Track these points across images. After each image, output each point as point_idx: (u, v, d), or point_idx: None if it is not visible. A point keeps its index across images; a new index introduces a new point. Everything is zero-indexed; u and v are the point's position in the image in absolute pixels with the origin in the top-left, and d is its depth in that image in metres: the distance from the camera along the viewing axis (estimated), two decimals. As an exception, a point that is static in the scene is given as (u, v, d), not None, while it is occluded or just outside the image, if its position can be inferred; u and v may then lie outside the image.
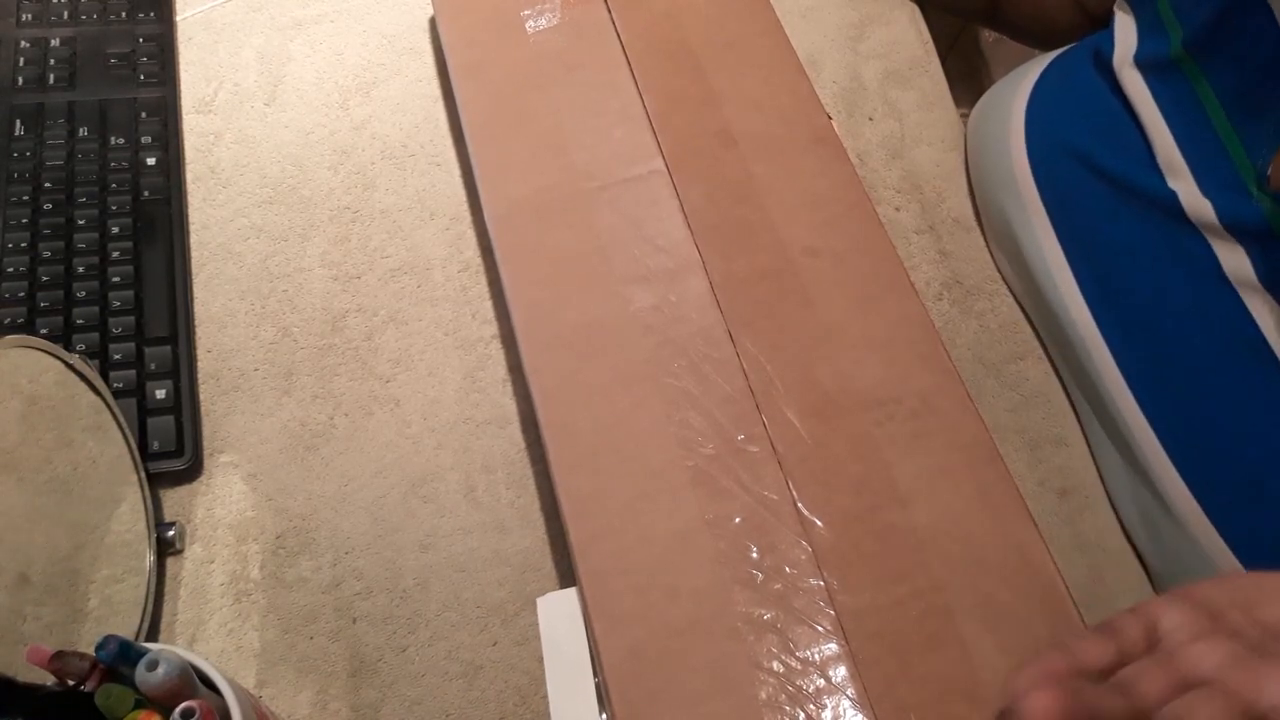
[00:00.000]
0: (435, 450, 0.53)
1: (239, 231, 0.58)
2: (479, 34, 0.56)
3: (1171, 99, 0.49)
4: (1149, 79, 0.50)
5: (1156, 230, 0.50)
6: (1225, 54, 0.45)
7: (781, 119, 0.52)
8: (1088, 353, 0.54)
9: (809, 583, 0.39)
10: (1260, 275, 0.44)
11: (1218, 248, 0.46)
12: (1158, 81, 0.50)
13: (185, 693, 0.35)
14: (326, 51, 0.65)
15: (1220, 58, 0.46)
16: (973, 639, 0.38)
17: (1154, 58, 0.50)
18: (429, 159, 0.62)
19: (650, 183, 0.50)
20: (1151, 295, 0.51)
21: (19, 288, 0.53)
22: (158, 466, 0.50)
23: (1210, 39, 0.46)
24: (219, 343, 0.55)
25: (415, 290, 0.57)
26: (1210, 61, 0.46)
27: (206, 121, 0.62)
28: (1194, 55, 0.47)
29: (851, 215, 0.49)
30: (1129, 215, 0.51)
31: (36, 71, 0.61)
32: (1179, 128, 0.48)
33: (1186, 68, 0.47)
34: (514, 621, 0.49)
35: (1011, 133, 0.60)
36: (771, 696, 0.37)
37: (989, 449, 0.43)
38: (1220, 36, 0.45)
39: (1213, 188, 0.46)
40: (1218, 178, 0.46)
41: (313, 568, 0.50)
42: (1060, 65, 0.60)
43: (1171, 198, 0.48)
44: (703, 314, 0.46)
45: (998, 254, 0.61)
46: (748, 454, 0.42)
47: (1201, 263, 0.47)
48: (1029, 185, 0.58)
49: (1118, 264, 0.53)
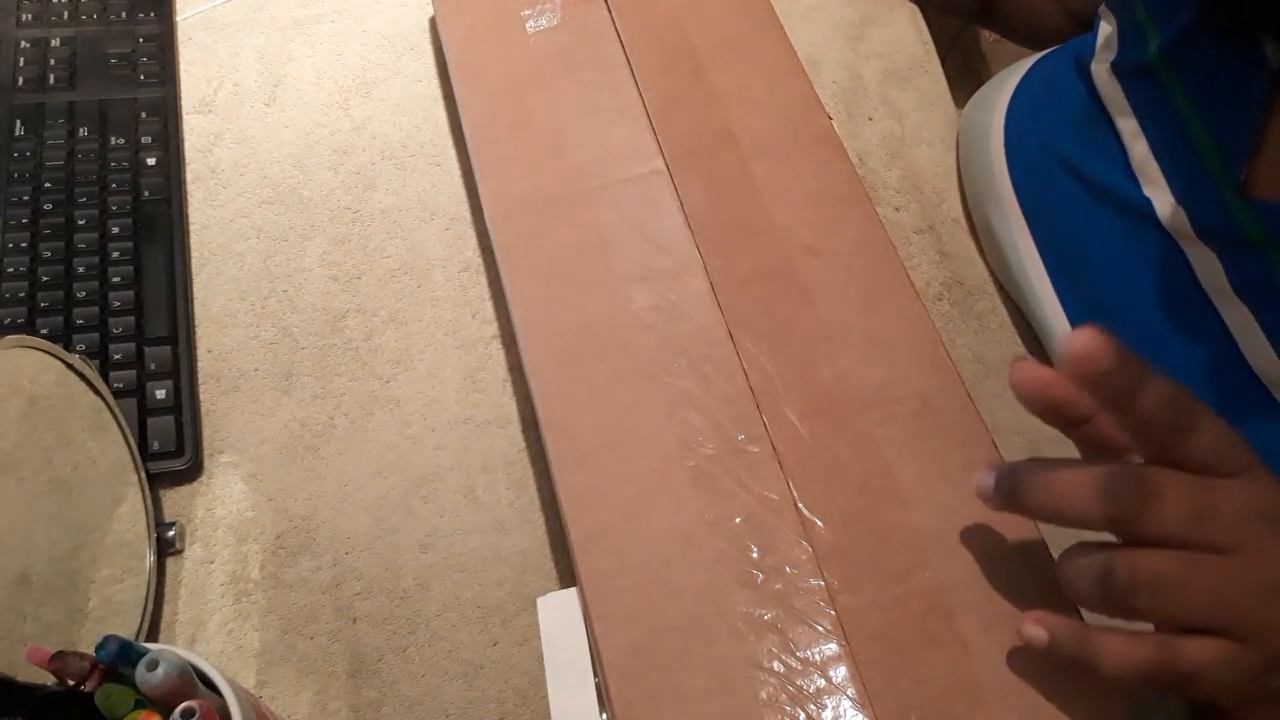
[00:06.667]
0: (435, 450, 0.53)
1: (239, 231, 0.58)
2: (479, 34, 0.56)
3: (1147, 104, 0.48)
4: (1126, 84, 0.50)
5: (1132, 237, 0.49)
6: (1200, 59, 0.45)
7: (781, 119, 0.52)
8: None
9: (809, 582, 0.39)
10: (1234, 283, 0.44)
11: (1192, 256, 0.46)
12: (1134, 86, 0.49)
13: (185, 693, 0.35)
14: (326, 51, 0.65)
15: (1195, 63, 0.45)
16: (973, 639, 0.38)
17: (1131, 63, 0.49)
18: (429, 159, 0.62)
19: (650, 182, 0.50)
20: (1127, 302, 0.50)
21: (19, 288, 0.53)
22: (158, 466, 0.50)
23: (1186, 44, 0.45)
24: (219, 343, 0.55)
25: (415, 290, 0.57)
26: (1185, 67, 0.46)
27: (206, 121, 0.62)
28: (1169, 61, 0.46)
29: (851, 215, 0.49)
30: (1105, 220, 0.51)
31: (36, 71, 0.61)
32: (1154, 133, 0.48)
33: (1162, 73, 0.47)
34: (514, 621, 0.49)
35: (992, 134, 0.60)
36: (772, 696, 0.37)
37: (989, 449, 0.43)
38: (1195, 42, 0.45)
39: (1187, 195, 0.46)
40: (1192, 185, 0.45)
41: (313, 568, 0.50)
42: (1042, 68, 0.60)
43: (1146, 205, 0.48)
44: (703, 313, 0.46)
45: (987, 255, 0.61)
46: (748, 454, 0.42)
47: (1176, 271, 0.47)
48: (1007, 187, 0.58)
49: (1093, 269, 0.52)
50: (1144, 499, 0.31)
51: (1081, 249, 0.53)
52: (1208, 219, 0.44)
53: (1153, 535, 0.32)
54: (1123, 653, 0.32)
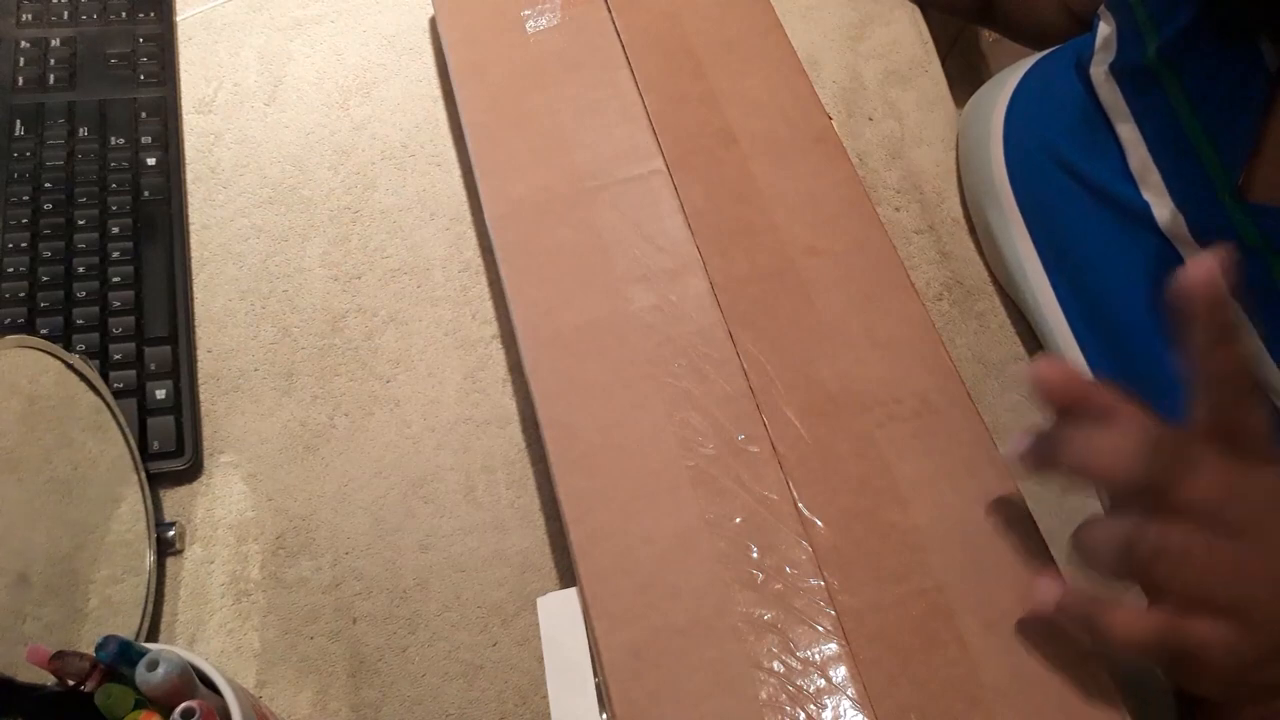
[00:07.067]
0: (435, 450, 0.53)
1: (239, 231, 0.58)
2: (479, 34, 0.56)
3: (1145, 107, 0.48)
4: (1124, 86, 0.49)
5: (1129, 239, 0.49)
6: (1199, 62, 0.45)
7: (782, 119, 0.52)
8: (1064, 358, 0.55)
9: (809, 583, 0.39)
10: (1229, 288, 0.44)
11: (1188, 258, 0.46)
12: (1132, 88, 0.49)
13: (185, 693, 0.35)
14: (326, 51, 0.65)
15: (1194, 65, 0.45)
16: (973, 639, 0.38)
17: (1130, 64, 0.49)
18: (429, 159, 0.62)
19: (650, 182, 0.50)
20: (1124, 304, 0.50)
21: (19, 288, 0.53)
22: (158, 466, 0.50)
23: (1184, 46, 0.45)
24: (219, 343, 0.55)
25: (415, 290, 0.57)
26: (1184, 69, 0.45)
27: (206, 121, 0.62)
28: (1168, 63, 0.46)
29: (851, 215, 0.49)
30: (1102, 222, 0.51)
31: (36, 71, 0.61)
32: (1153, 136, 0.48)
33: (1161, 75, 0.46)
34: (514, 621, 0.49)
35: (991, 135, 0.60)
36: (772, 696, 0.37)
37: (989, 449, 0.43)
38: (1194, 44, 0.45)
39: (1185, 198, 0.46)
40: (1190, 189, 0.45)
41: (313, 568, 0.50)
42: (1041, 68, 0.60)
43: (1144, 207, 0.48)
44: (703, 314, 0.46)
45: (987, 255, 0.61)
46: (748, 454, 0.42)
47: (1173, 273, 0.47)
48: (1005, 188, 0.58)
49: (1091, 271, 0.52)
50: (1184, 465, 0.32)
51: (1079, 250, 0.53)
52: (1205, 222, 0.44)
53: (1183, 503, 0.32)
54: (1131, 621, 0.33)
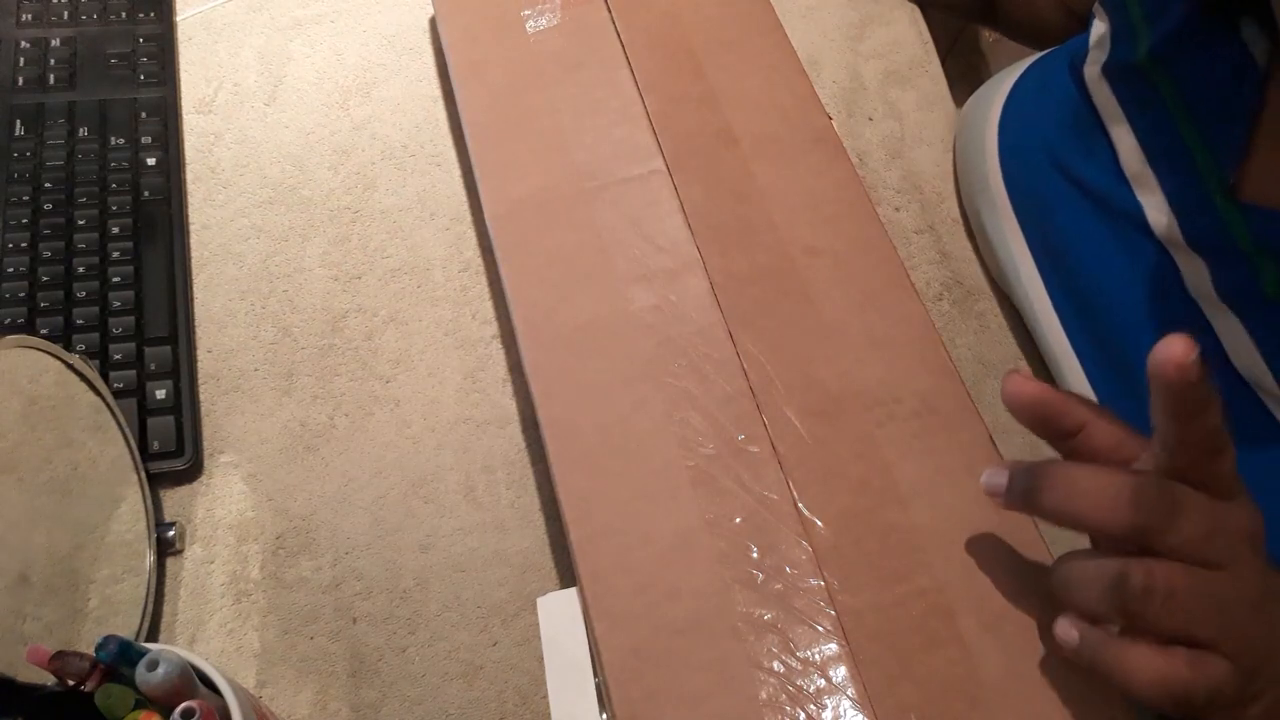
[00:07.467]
0: (435, 450, 0.53)
1: (239, 232, 0.58)
2: (479, 34, 0.56)
3: (1138, 107, 0.48)
4: (1118, 85, 0.49)
5: (1122, 240, 0.49)
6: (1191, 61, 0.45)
7: (781, 119, 0.52)
8: (1056, 361, 0.55)
9: (809, 583, 0.39)
10: (1220, 290, 0.44)
11: (1180, 261, 0.46)
12: (1126, 88, 0.49)
13: (185, 693, 0.35)
14: (326, 51, 0.65)
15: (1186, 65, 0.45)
16: (973, 639, 0.38)
17: (1124, 63, 0.49)
18: (429, 159, 0.62)
19: (650, 182, 0.50)
20: (1116, 305, 0.50)
21: (19, 288, 0.53)
22: (158, 466, 0.50)
23: (1176, 45, 0.45)
24: (219, 343, 0.55)
25: (415, 290, 0.57)
26: (1176, 68, 0.45)
27: (206, 121, 0.62)
28: (1161, 62, 0.46)
29: (851, 215, 0.49)
30: (1095, 223, 0.51)
31: (36, 71, 0.61)
32: (1145, 136, 0.47)
33: (1153, 75, 0.46)
34: (514, 621, 0.49)
35: (987, 135, 0.60)
36: (772, 696, 0.37)
37: (989, 449, 0.43)
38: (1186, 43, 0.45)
39: (1178, 198, 0.46)
40: (1183, 188, 0.45)
41: (313, 568, 0.50)
42: (1038, 69, 0.60)
43: (1137, 208, 0.47)
44: (703, 314, 0.46)
45: (982, 255, 0.61)
46: (748, 454, 0.42)
47: (1165, 276, 0.47)
48: (1000, 188, 0.58)
49: (1084, 271, 0.52)
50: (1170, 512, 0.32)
51: (1072, 250, 0.53)
52: (1197, 222, 0.44)
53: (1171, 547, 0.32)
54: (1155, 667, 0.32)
